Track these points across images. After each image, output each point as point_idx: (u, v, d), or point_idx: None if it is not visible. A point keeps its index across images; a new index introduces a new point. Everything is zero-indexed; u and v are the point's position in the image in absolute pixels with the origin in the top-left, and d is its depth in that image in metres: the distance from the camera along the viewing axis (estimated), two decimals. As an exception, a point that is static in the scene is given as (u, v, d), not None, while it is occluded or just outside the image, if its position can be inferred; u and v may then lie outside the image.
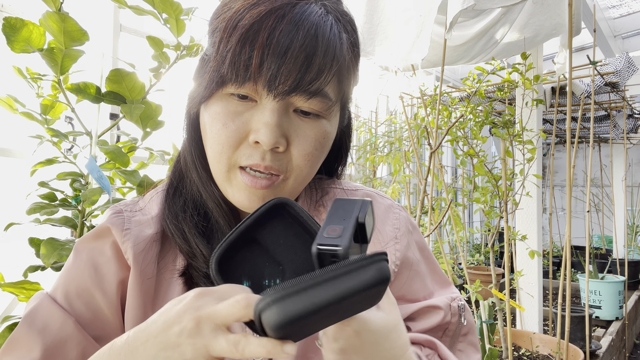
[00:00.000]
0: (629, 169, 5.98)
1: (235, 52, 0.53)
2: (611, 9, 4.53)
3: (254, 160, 0.56)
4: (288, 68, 0.53)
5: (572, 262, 4.56)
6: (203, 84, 0.58)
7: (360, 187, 0.75)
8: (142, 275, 0.63)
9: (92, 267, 0.64)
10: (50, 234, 1.07)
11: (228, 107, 0.57)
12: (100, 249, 0.65)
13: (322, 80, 0.55)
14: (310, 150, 0.58)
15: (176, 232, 0.63)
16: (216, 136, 0.57)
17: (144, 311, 0.63)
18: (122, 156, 1.14)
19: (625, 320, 3.51)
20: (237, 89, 0.55)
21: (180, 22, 1.16)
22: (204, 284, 0.62)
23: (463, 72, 4.57)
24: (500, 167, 2.16)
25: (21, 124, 1.19)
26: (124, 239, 0.64)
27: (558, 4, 2.19)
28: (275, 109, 0.55)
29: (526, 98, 2.47)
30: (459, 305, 0.69)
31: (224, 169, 0.59)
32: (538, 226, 2.73)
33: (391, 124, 3.77)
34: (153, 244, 0.66)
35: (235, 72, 0.54)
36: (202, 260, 0.62)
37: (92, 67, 1.23)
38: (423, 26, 2.03)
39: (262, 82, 0.54)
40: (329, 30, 0.55)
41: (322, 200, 0.71)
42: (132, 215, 0.68)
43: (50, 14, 1.00)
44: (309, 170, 0.60)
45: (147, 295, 0.64)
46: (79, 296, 0.63)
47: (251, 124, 0.56)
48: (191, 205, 0.65)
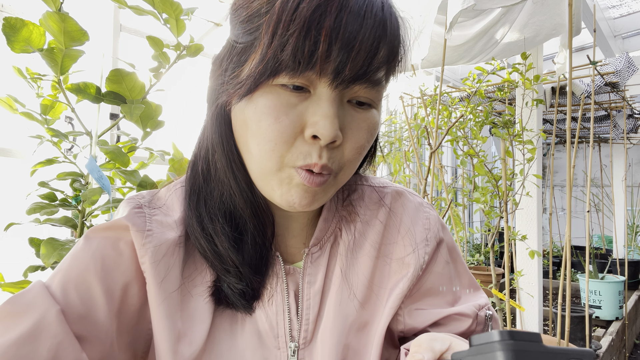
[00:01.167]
0: (629, 169, 5.98)
1: (299, 38, 0.47)
2: (611, 9, 4.53)
3: (312, 159, 0.51)
4: (357, 54, 0.48)
5: (572, 262, 4.56)
6: (244, 75, 0.52)
7: (388, 184, 0.71)
8: (165, 283, 0.58)
9: (100, 259, 0.57)
10: (50, 234, 1.07)
11: (280, 99, 0.50)
12: (113, 242, 0.58)
13: (386, 69, 0.52)
14: (362, 143, 0.54)
15: (208, 247, 0.58)
16: (266, 132, 0.51)
17: (173, 324, 0.58)
18: (122, 156, 1.14)
19: (625, 320, 3.51)
20: (292, 79, 0.50)
21: (180, 22, 1.16)
22: (240, 304, 0.59)
23: (463, 72, 4.57)
24: (500, 167, 2.16)
25: (21, 124, 1.19)
26: (144, 241, 0.57)
27: (558, 4, 2.19)
28: (333, 99, 0.50)
29: (526, 98, 2.47)
30: (486, 315, 0.66)
31: (275, 168, 0.52)
32: (538, 226, 2.73)
33: (391, 124, 3.77)
34: (176, 249, 0.59)
35: (298, 60, 0.48)
36: (237, 277, 0.58)
37: (92, 67, 1.23)
38: (423, 26, 2.03)
39: (327, 71, 0.49)
40: (392, 15, 0.52)
41: (349, 198, 0.68)
42: (153, 213, 0.61)
43: (50, 14, 1.00)
44: (356, 164, 0.57)
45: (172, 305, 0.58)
46: (76, 287, 0.56)
47: (306, 117, 0.51)
48: (220, 215, 0.59)
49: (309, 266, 0.63)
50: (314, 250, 0.64)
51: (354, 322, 0.61)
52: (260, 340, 0.60)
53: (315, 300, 0.62)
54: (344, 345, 0.60)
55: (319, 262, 0.64)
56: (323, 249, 0.64)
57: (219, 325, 0.60)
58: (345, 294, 0.62)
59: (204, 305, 0.59)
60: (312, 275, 0.63)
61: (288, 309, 0.61)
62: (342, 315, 0.61)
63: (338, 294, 0.62)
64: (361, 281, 0.63)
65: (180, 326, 0.58)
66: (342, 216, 0.67)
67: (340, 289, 0.62)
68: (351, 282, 0.63)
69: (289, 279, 0.62)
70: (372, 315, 0.63)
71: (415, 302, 0.65)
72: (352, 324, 0.61)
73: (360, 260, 0.64)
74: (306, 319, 0.61)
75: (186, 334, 0.58)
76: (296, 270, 0.63)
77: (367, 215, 0.67)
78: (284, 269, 0.62)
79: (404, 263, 0.65)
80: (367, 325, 0.62)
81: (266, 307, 0.61)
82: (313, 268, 0.63)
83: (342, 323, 0.60)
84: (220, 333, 0.60)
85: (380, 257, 0.65)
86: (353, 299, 0.62)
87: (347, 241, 0.65)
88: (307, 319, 0.61)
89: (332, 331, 0.60)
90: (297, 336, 0.60)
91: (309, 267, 0.63)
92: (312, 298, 0.62)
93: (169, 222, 0.61)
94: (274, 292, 0.61)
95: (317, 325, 0.61)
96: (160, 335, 0.57)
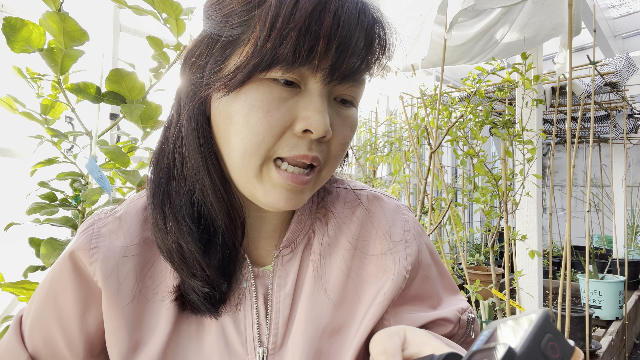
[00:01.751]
0: (629, 169, 5.98)
1: (300, 33, 0.47)
2: (611, 9, 4.53)
3: (300, 151, 0.51)
4: (353, 55, 0.50)
5: (572, 262, 4.57)
6: (231, 68, 0.51)
7: (364, 187, 0.71)
8: (118, 294, 0.57)
9: (53, 298, 0.59)
10: (50, 234, 1.07)
11: (272, 92, 0.50)
12: (69, 269, 0.59)
13: (373, 70, 0.54)
14: (346, 139, 0.56)
15: (173, 249, 0.56)
16: (255, 126, 0.50)
17: (129, 334, 0.57)
18: (122, 156, 1.14)
19: (625, 320, 3.51)
20: (285, 74, 0.49)
21: (180, 22, 1.16)
22: (206, 309, 0.57)
23: (463, 72, 4.57)
24: (500, 167, 2.16)
25: (21, 124, 1.19)
26: (91, 259, 0.58)
27: (558, 4, 2.19)
28: (324, 95, 0.51)
29: (526, 98, 2.47)
30: (468, 319, 0.66)
31: (258, 163, 0.52)
32: (538, 226, 2.73)
33: (391, 124, 3.77)
34: (130, 258, 0.59)
35: (297, 55, 0.48)
36: (203, 280, 0.56)
37: (92, 67, 1.23)
38: (423, 26, 2.03)
39: (323, 68, 0.50)
40: (380, 20, 0.54)
41: (324, 201, 0.67)
42: (104, 224, 0.61)
43: (50, 14, 1.00)
44: (339, 161, 0.58)
45: (130, 315, 0.58)
46: (39, 330, 0.59)
47: (297, 112, 0.51)
48: (187, 214, 0.56)
49: (279, 269, 0.61)
50: (284, 252, 0.62)
51: (327, 326, 0.59)
52: (228, 346, 0.58)
53: (285, 303, 0.60)
54: (316, 349, 0.57)
55: (290, 265, 0.62)
56: (295, 251, 0.63)
57: (184, 331, 0.58)
58: (318, 297, 0.60)
59: (165, 311, 0.58)
60: (282, 278, 0.61)
61: (257, 313, 0.59)
62: (315, 318, 0.59)
63: (310, 297, 0.60)
64: (336, 282, 0.61)
65: (138, 336, 0.57)
66: (316, 218, 0.65)
67: (312, 292, 0.60)
68: (325, 283, 0.61)
69: (258, 282, 0.60)
70: (348, 318, 0.60)
71: (401, 305, 0.63)
72: (326, 327, 0.59)
73: (335, 261, 0.63)
74: (275, 323, 0.59)
75: (145, 343, 0.57)
76: (266, 273, 0.61)
77: (343, 215, 0.66)
78: (252, 271, 0.61)
79: (384, 268, 0.63)
80: (342, 328, 0.60)
81: (234, 312, 0.59)
82: (283, 271, 0.61)
83: (314, 327, 0.58)
84: (184, 339, 0.58)
85: (356, 257, 0.64)
86: (327, 302, 0.60)
87: (321, 242, 0.63)
88: (276, 323, 0.59)
89: (304, 336, 0.58)
90: (266, 341, 0.58)
91: (279, 269, 0.61)
92: (282, 301, 0.60)
93: (124, 230, 0.60)
94: (242, 296, 0.60)
95: (288, 330, 0.59)
96: (110, 350, 0.57)
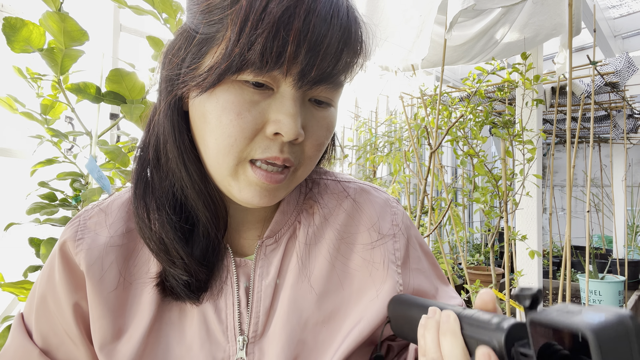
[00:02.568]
0: (629, 169, 5.98)
1: (268, 38, 0.47)
2: (611, 9, 4.53)
3: (272, 153, 0.52)
4: (324, 59, 0.49)
5: (572, 262, 4.56)
6: (205, 68, 0.51)
7: (353, 180, 0.71)
8: (102, 283, 0.59)
9: (51, 288, 0.61)
10: (50, 234, 1.07)
11: (243, 95, 0.51)
12: (55, 268, 0.61)
13: (347, 73, 0.54)
14: (322, 140, 0.56)
15: (153, 237, 0.58)
16: (227, 127, 0.51)
17: (112, 322, 0.59)
18: (122, 156, 1.14)
19: (625, 320, 3.50)
20: (256, 77, 0.50)
21: (180, 22, 1.16)
22: (185, 295, 0.58)
23: (463, 72, 4.57)
24: (500, 167, 2.16)
25: (21, 124, 1.19)
26: (76, 250, 0.60)
27: (558, 4, 2.19)
28: (296, 98, 0.52)
29: (526, 98, 2.47)
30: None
31: (232, 163, 0.53)
32: (538, 226, 2.73)
33: (391, 124, 3.77)
34: (114, 248, 0.61)
35: (266, 60, 0.48)
36: (183, 268, 0.57)
37: (92, 67, 1.23)
38: (423, 26, 2.03)
39: (293, 72, 0.50)
40: (356, 20, 0.53)
41: (312, 192, 0.67)
42: (89, 217, 0.63)
43: (50, 14, 1.00)
44: (316, 161, 0.58)
45: (114, 303, 0.59)
46: (46, 321, 0.61)
47: (269, 115, 0.51)
48: (167, 204, 0.58)
49: (262, 258, 0.62)
50: (268, 242, 0.63)
51: (310, 317, 0.60)
52: (209, 333, 0.59)
53: (266, 293, 0.61)
54: (299, 340, 0.58)
55: (273, 255, 0.63)
56: (279, 242, 0.63)
57: (166, 317, 0.60)
58: (302, 288, 0.61)
59: (148, 298, 0.59)
60: (265, 268, 0.62)
61: (238, 303, 0.60)
62: (297, 309, 0.60)
63: (293, 287, 0.61)
64: (320, 273, 0.62)
65: (121, 323, 0.59)
66: (302, 209, 0.66)
67: (296, 283, 0.61)
68: (310, 275, 0.62)
69: (240, 272, 0.61)
70: (335, 310, 0.61)
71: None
72: (309, 318, 0.60)
73: (320, 251, 0.63)
74: (256, 312, 0.60)
75: (127, 329, 0.59)
76: (248, 263, 0.62)
77: (330, 206, 0.67)
78: (234, 261, 0.62)
79: (371, 259, 0.63)
80: (330, 320, 0.61)
81: (216, 301, 0.60)
82: (266, 261, 0.62)
83: (296, 317, 0.59)
84: (167, 326, 0.60)
85: (342, 248, 0.64)
86: (311, 292, 0.61)
87: (306, 233, 0.64)
88: (257, 312, 0.60)
89: (285, 325, 0.58)
90: (247, 330, 0.59)
91: (261, 259, 0.62)
92: (263, 291, 0.61)
93: (109, 222, 0.62)
94: (224, 284, 0.61)
95: (269, 319, 0.60)
96: (94, 336, 0.59)
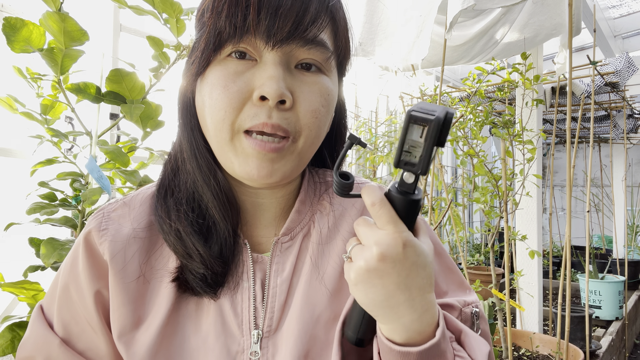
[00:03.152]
0: (629, 169, 5.98)
1: (231, 5, 0.52)
2: (611, 9, 4.53)
3: (260, 119, 0.53)
4: (284, 14, 0.52)
5: (572, 262, 4.57)
6: (197, 58, 0.56)
7: (367, 181, 0.72)
8: (124, 273, 0.61)
9: (74, 277, 0.63)
10: (50, 234, 1.07)
11: (227, 68, 0.55)
12: (79, 256, 0.63)
13: (318, 26, 0.55)
14: (316, 106, 0.57)
15: (170, 232, 0.61)
16: (217, 102, 0.54)
17: (132, 311, 0.60)
18: (122, 156, 1.14)
19: (625, 320, 3.51)
20: (235, 45, 0.54)
21: (180, 22, 1.16)
22: (201, 289, 0.60)
23: (463, 72, 4.57)
24: (500, 167, 2.16)
25: (21, 124, 1.19)
26: (101, 240, 0.62)
27: (558, 4, 2.19)
28: (277, 62, 0.54)
29: (526, 98, 2.47)
30: (472, 312, 0.64)
31: (227, 137, 0.55)
32: (538, 226, 2.73)
33: (391, 124, 3.77)
34: (136, 240, 0.63)
35: (234, 24, 0.52)
36: (199, 261, 0.59)
37: (92, 67, 1.23)
38: (423, 26, 2.03)
39: (260, 31, 0.53)
40: None
41: (326, 192, 0.69)
42: (112, 209, 0.65)
43: (50, 14, 1.00)
44: (317, 131, 0.58)
45: (134, 293, 0.61)
46: (68, 310, 0.63)
47: (254, 82, 0.54)
48: (185, 202, 0.62)
49: (278, 255, 0.63)
50: (283, 239, 0.64)
51: (322, 313, 0.61)
52: (224, 326, 0.60)
53: (282, 289, 0.62)
54: (311, 335, 0.59)
55: (289, 252, 0.64)
56: (294, 240, 0.65)
57: (183, 309, 0.61)
58: (315, 285, 0.62)
59: (166, 291, 0.61)
60: (280, 264, 0.63)
61: (254, 297, 0.61)
62: (310, 305, 0.61)
63: (307, 284, 0.62)
64: (334, 271, 0.63)
65: (141, 313, 0.61)
66: (317, 209, 0.67)
67: (309, 280, 0.62)
68: (323, 272, 0.63)
69: (256, 267, 0.63)
70: (343, 307, 0.61)
71: None
72: (321, 314, 0.61)
73: (334, 251, 0.64)
74: (271, 307, 0.61)
75: (146, 320, 0.61)
76: (264, 259, 0.63)
77: (344, 205, 0.68)
78: (251, 257, 0.63)
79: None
80: (337, 317, 0.61)
81: (232, 294, 0.61)
82: (282, 257, 0.63)
83: (309, 313, 0.60)
84: (184, 318, 0.61)
85: None
86: (324, 290, 0.62)
87: (320, 233, 0.65)
88: (272, 307, 0.61)
89: (299, 321, 0.59)
90: (262, 324, 0.60)
91: (277, 255, 0.63)
92: (278, 287, 0.62)
93: (129, 214, 0.65)
94: (240, 279, 0.62)
95: (284, 315, 0.61)
96: (113, 324, 0.60)
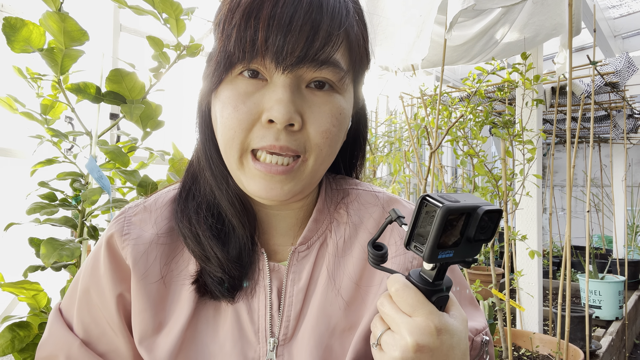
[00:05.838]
0: (629, 169, 5.98)
1: (240, 28, 0.52)
2: (611, 9, 4.53)
3: (268, 141, 0.54)
4: (294, 38, 0.51)
5: (572, 262, 4.56)
6: (211, 73, 0.57)
7: (382, 191, 0.72)
8: (146, 278, 0.61)
9: (95, 280, 0.63)
10: (50, 234, 1.07)
11: (238, 88, 0.55)
12: (100, 260, 0.64)
13: (330, 48, 0.54)
14: (327, 126, 0.56)
15: (189, 235, 0.62)
16: (227, 121, 0.55)
17: (153, 316, 0.61)
18: (122, 156, 1.14)
19: (625, 320, 3.50)
20: (246, 66, 0.54)
21: (180, 22, 1.16)
22: (219, 292, 0.60)
23: (463, 72, 4.57)
24: (500, 167, 2.16)
25: (21, 124, 1.19)
26: (123, 244, 0.63)
27: (558, 4, 2.19)
28: (287, 85, 0.54)
29: (526, 98, 2.47)
30: (482, 341, 0.63)
31: (237, 155, 0.56)
32: (538, 226, 2.73)
33: (391, 124, 3.77)
34: (158, 245, 0.63)
35: (242, 49, 0.52)
36: (217, 265, 0.60)
37: (92, 67, 1.23)
38: (423, 26, 2.03)
39: (269, 56, 0.52)
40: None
41: (343, 201, 0.69)
42: (133, 213, 0.66)
43: (50, 14, 1.00)
44: (328, 150, 0.58)
45: (155, 298, 0.61)
46: (89, 311, 0.63)
47: (263, 104, 0.54)
48: (204, 207, 0.63)
49: (294, 264, 0.63)
50: (300, 249, 0.64)
51: (338, 324, 0.61)
52: (241, 333, 0.61)
53: (298, 298, 0.62)
54: (326, 345, 0.59)
55: (305, 261, 0.64)
56: (311, 249, 0.65)
57: (202, 315, 0.62)
58: (331, 295, 0.62)
59: (186, 295, 0.62)
60: (297, 273, 0.63)
61: (270, 305, 0.62)
62: (326, 315, 0.61)
63: (323, 294, 0.62)
64: (349, 281, 0.63)
65: (162, 317, 0.61)
66: (333, 219, 0.67)
67: (326, 290, 0.62)
68: (338, 282, 0.63)
69: (273, 276, 0.63)
70: (358, 318, 0.62)
71: None
72: (337, 325, 0.61)
73: (350, 261, 0.64)
74: (287, 315, 0.61)
75: (167, 324, 0.61)
76: (281, 267, 0.64)
77: (361, 215, 0.67)
78: (268, 265, 0.63)
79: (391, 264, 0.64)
80: (353, 328, 0.61)
81: (249, 302, 0.62)
82: (298, 266, 0.63)
83: (325, 323, 0.60)
84: (202, 324, 0.61)
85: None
86: (339, 300, 0.62)
87: (337, 242, 0.65)
88: (288, 315, 0.61)
89: (314, 330, 0.60)
90: (278, 332, 0.61)
91: (294, 265, 0.63)
92: (295, 295, 0.62)
93: (150, 218, 0.65)
94: (257, 287, 0.62)
95: (299, 323, 0.61)
96: (135, 328, 0.61)
